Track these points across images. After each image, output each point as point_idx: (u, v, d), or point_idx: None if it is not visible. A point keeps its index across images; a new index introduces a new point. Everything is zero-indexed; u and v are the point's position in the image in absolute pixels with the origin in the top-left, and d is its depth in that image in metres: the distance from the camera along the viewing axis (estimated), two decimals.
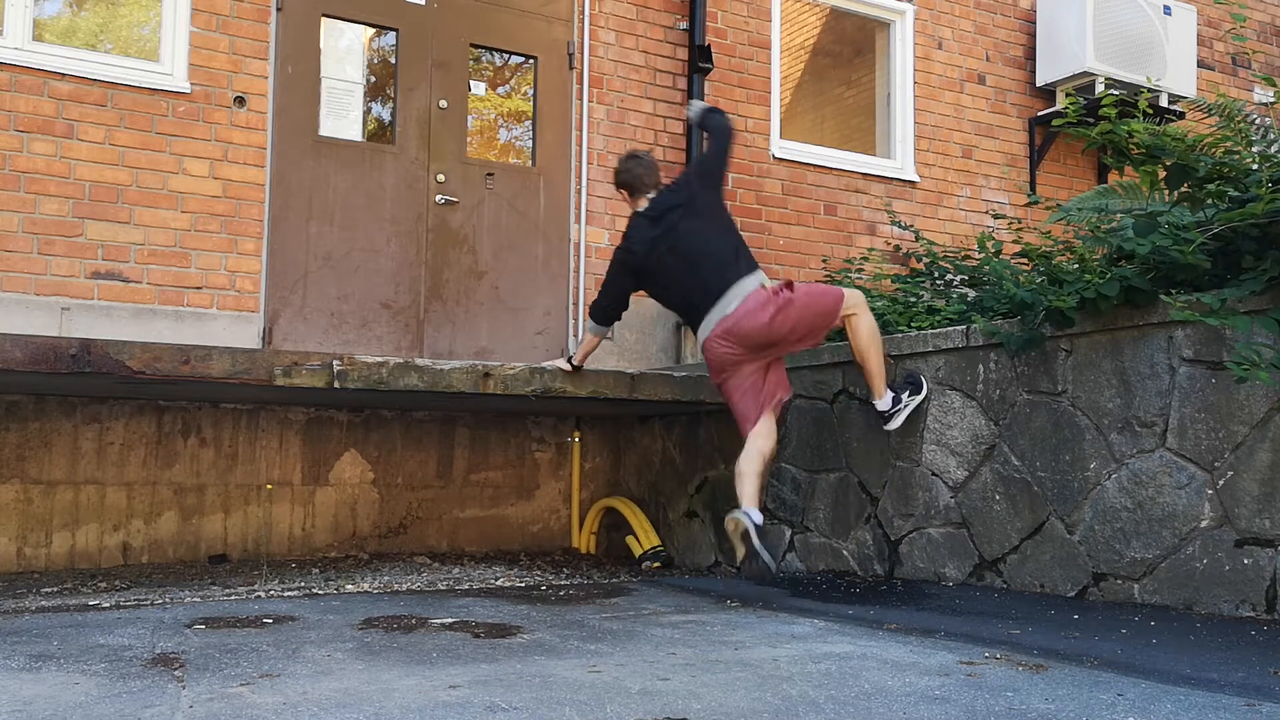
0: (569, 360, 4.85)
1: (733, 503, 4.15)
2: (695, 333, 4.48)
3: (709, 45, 6.80)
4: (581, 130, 6.52)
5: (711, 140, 4.60)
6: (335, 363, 4.32)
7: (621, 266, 4.53)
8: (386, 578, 5.02)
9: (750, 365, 4.37)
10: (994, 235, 6.49)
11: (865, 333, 4.41)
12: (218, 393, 4.96)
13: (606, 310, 4.65)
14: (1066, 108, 4.39)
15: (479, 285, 6.16)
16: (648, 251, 4.40)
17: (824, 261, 7.07)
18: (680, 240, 4.35)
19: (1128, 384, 3.85)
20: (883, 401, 4.47)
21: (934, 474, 4.55)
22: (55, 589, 4.58)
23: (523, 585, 4.74)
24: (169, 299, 5.42)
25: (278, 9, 5.77)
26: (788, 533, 5.23)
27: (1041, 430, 4.14)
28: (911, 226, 7.29)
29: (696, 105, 4.90)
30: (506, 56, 6.56)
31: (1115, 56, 7.57)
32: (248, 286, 5.60)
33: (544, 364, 4.90)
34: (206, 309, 5.49)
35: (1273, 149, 3.82)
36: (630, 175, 4.57)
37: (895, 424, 4.49)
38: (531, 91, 6.50)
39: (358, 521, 5.85)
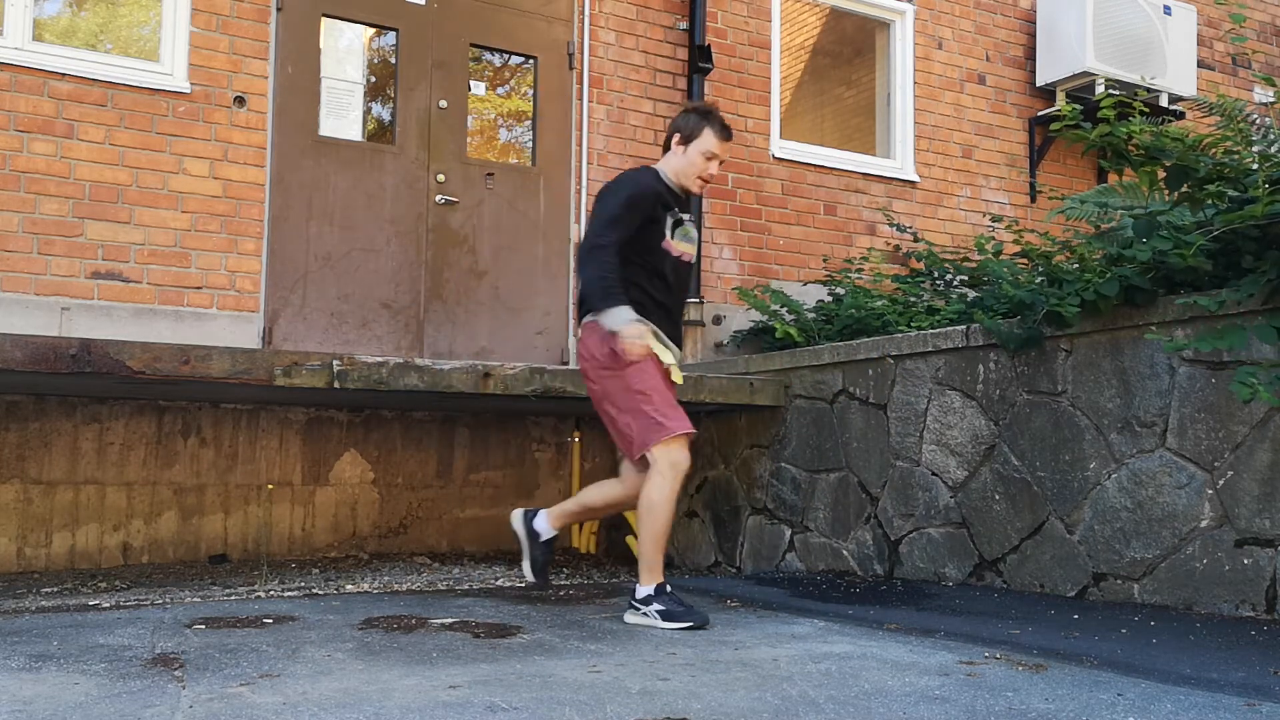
0: None
1: (732, 502, 4.13)
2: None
3: (709, 45, 6.79)
4: (581, 130, 6.52)
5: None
6: (335, 363, 4.32)
7: None
8: (386, 578, 5.02)
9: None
10: (994, 236, 6.51)
11: (643, 502, 3.53)
12: (218, 393, 4.96)
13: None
14: (1064, 111, 4.37)
15: (479, 285, 6.16)
16: None
17: (824, 261, 7.07)
18: None
19: (1127, 384, 3.85)
20: (641, 589, 3.52)
21: (934, 474, 4.55)
22: (55, 589, 4.58)
23: (523, 585, 4.74)
24: (169, 299, 5.42)
25: (278, 9, 5.77)
26: (788, 533, 5.23)
27: (1041, 430, 4.14)
28: (910, 228, 7.29)
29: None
30: (506, 56, 6.56)
31: (1115, 56, 7.56)
32: (248, 286, 5.60)
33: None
34: (206, 309, 5.49)
35: (1273, 149, 3.81)
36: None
37: (632, 619, 3.50)
38: (531, 92, 6.50)
39: (358, 521, 5.85)
